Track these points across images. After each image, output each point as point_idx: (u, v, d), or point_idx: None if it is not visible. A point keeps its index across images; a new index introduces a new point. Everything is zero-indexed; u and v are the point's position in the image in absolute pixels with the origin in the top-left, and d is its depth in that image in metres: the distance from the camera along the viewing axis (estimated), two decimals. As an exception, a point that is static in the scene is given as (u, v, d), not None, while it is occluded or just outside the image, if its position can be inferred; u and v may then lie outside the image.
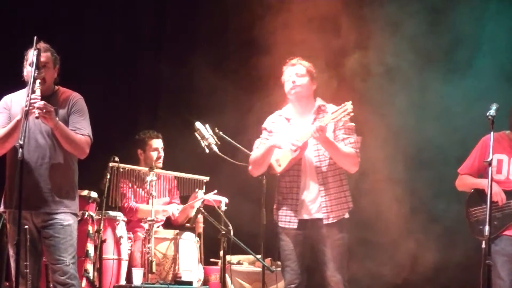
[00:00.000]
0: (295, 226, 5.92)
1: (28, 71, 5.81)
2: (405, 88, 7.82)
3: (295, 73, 6.01)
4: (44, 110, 5.59)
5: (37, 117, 5.58)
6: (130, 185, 7.50)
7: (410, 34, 7.73)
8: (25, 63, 5.91)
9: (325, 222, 5.86)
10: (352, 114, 5.73)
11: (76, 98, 5.99)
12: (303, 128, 5.90)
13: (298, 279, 5.94)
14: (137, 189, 7.58)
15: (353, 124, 5.96)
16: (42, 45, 5.75)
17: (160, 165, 7.65)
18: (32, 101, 5.54)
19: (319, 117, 5.92)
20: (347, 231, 5.94)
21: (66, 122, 5.85)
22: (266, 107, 7.14)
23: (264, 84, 7.53)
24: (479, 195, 6.42)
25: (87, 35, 8.86)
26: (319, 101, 6.07)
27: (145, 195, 7.52)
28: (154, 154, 7.69)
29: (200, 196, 7.37)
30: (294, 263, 5.94)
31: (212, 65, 8.53)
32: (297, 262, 5.93)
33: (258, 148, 6.10)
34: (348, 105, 5.71)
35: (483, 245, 5.49)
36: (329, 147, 5.83)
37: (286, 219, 5.97)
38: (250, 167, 6.16)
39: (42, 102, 5.61)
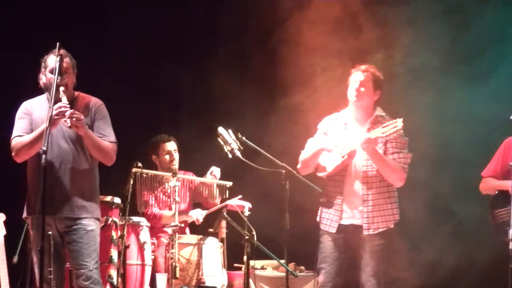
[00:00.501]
0: (334, 231, 5.93)
1: (48, 78, 5.81)
2: (427, 90, 7.77)
3: (361, 80, 5.96)
4: (74, 119, 5.61)
5: (69, 127, 5.60)
6: (152, 191, 7.50)
7: (434, 37, 7.69)
8: (43, 70, 5.89)
9: (365, 232, 5.88)
10: (401, 131, 5.75)
11: (98, 104, 5.99)
12: (357, 135, 5.88)
13: (331, 282, 5.93)
14: (159, 195, 7.58)
15: (407, 139, 5.95)
16: (61, 51, 5.72)
17: (175, 167, 7.66)
18: (62, 109, 5.56)
19: (374, 127, 5.89)
20: (389, 239, 5.94)
21: (90, 128, 5.83)
22: (286, 111, 7.15)
23: (285, 87, 7.52)
24: (504, 196, 6.37)
25: (106, 40, 8.90)
26: (378, 111, 6.04)
27: (168, 200, 7.53)
28: (167, 157, 7.71)
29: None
30: (330, 266, 5.93)
31: (233, 69, 8.54)
32: (333, 266, 5.93)
33: (308, 148, 6.10)
34: (399, 122, 5.71)
35: (510, 247, 5.45)
36: (376, 160, 5.83)
37: (327, 222, 5.97)
38: (299, 165, 6.17)
39: (72, 110, 5.62)
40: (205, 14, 8.99)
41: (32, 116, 5.88)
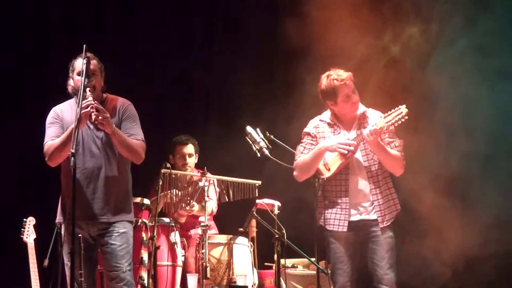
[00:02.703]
0: (346, 229, 5.93)
1: (76, 80, 5.84)
2: (464, 78, 7.65)
3: (351, 92, 5.91)
4: (100, 117, 5.60)
5: (94, 121, 5.60)
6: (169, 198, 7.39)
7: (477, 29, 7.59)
8: (71, 74, 5.92)
9: (380, 225, 5.88)
10: (406, 117, 5.71)
11: (126, 104, 6.01)
12: (348, 133, 5.96)
13: (350, 281, 5.95)
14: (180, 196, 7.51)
15: (393, 128, 5.91)
16: (88, 53, 5.71)
17: (188, 170, 7.62)
18: (88, 103, 5.56)
19: (363, 122, 5.94)
20: (395, 231, 5.97)
21: (118, 128, 5.83)
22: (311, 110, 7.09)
23: (310, 88, 7.48)
24: None
25: (137, 40, 8.97)
26: (362, 107, 6.04)
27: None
28: (180, 161, 7.66)
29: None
30: (346, 265, 5.95)
31: (261, 70, 8.54)
32: (349, 264, 5.94)
33: (304, 153, 6.06)
34: (403, 109, 5.73)
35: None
36: (379, 151, 5.85)
37: (335, 222, 5.96)
38: (296, 173, 6.13)
39: (98, 107, 5.63)
40: (234, 14, 8.99)
41: (63, 121, 5.90)
